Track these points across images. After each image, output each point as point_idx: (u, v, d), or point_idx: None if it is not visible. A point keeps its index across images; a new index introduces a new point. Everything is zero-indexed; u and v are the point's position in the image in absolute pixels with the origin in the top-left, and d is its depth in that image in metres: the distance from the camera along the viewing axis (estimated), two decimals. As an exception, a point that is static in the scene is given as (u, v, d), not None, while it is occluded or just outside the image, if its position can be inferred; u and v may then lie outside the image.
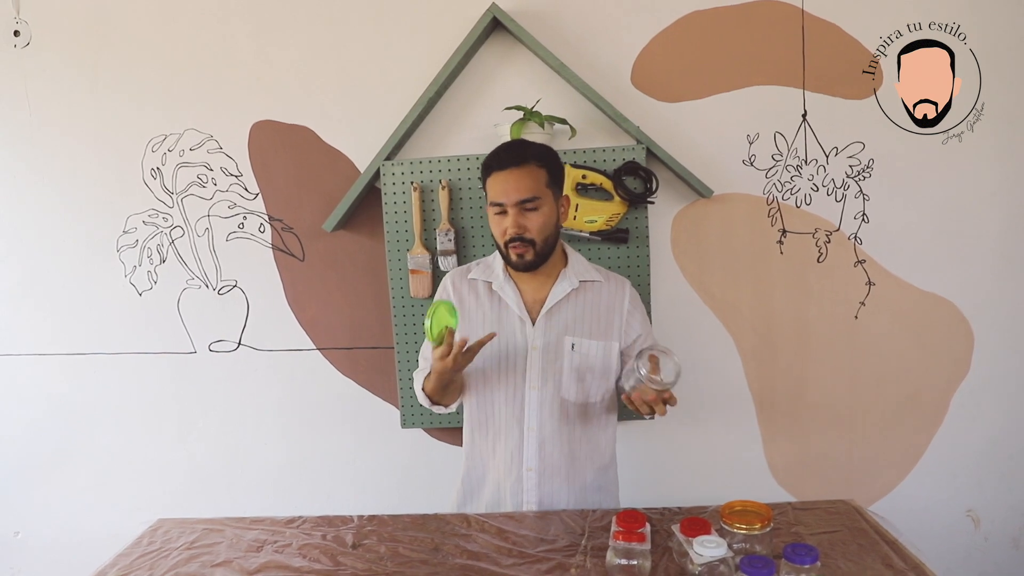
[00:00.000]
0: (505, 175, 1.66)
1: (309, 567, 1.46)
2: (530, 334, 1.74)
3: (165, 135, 2.43)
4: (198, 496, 2.59)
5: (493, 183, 1.68)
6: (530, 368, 1.73)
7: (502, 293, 1.77)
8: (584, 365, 1.74)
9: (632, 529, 1.34)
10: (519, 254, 1.69)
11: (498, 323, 1.75)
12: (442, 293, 1.84)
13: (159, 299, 2.51)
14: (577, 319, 1.75)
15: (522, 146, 1.71)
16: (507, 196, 1.66)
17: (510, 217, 1.66)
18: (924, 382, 2.41)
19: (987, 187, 2.32)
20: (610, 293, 1.80)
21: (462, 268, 1.87)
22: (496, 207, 1.68)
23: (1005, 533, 2.48)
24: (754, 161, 2.32)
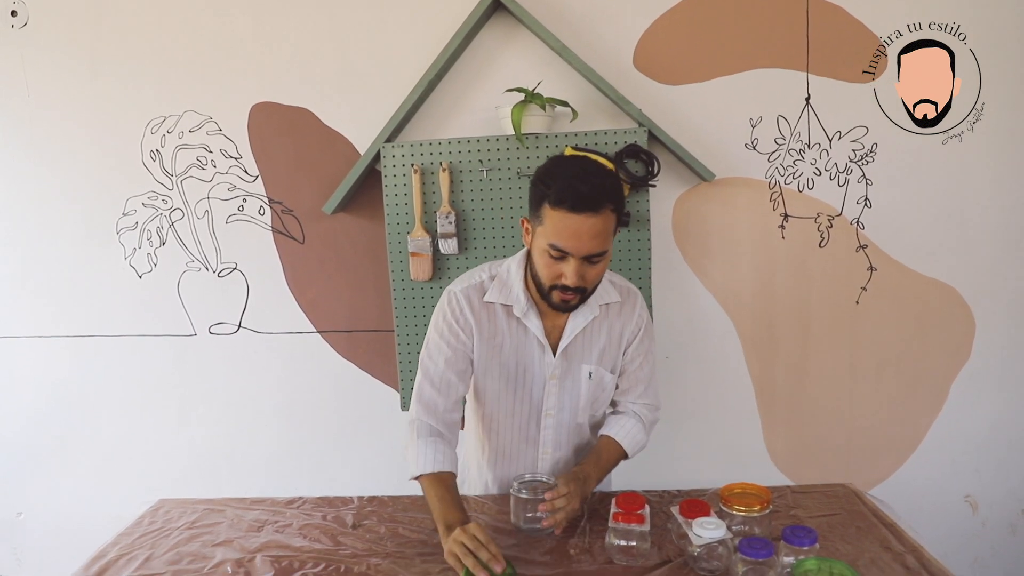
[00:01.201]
0: (579, 220, 1.38)
1: (309, 547, 1.46)
2: (550, 364, 1.62)
3: (164, 117, 2.42)
4: (199, 478, 2.60)
5: (559, 221, 1.40)
6: (547, 396, 1.64)
7: (526, 320, 1.59)
8: (598, 391, 1.68)
9: (631, 511, 1.35)
10: (566, 300, 1.49)
11: (518, 350, 1.62)
12: (458, 317, 1.59)
13: (159, 281, 2.51)
14: (595, 347, 1.64)
15: (601, 185, 1.41)
16: (579, 247, 1.41)
17: (571, 267, 1.42)
18: (924, 368, 2.41)
19: (987, 186, 2.32)
20: (623, 317, 1.67)
21: (473, 284, 1.62)
22: (556, 251, 1.42)
23: (1002, 518, 2.49)
24: (756, 145, 2.31)
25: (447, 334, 1.60)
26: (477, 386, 1.66)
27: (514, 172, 2.22)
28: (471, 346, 1.60)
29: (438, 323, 1.62)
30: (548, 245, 1.43)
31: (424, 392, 1.60)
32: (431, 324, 1.64)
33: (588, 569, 1.31)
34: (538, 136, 2.20)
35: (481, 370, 1.63)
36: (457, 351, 1.59)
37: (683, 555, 1.33)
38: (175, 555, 1.47)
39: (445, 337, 1.60)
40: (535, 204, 1.46)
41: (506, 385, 1.63)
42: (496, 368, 1.62)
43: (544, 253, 1.45)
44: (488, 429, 1.70)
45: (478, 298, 1.60)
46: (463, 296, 1.60)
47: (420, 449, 1.52)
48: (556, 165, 1.47)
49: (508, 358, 1.62)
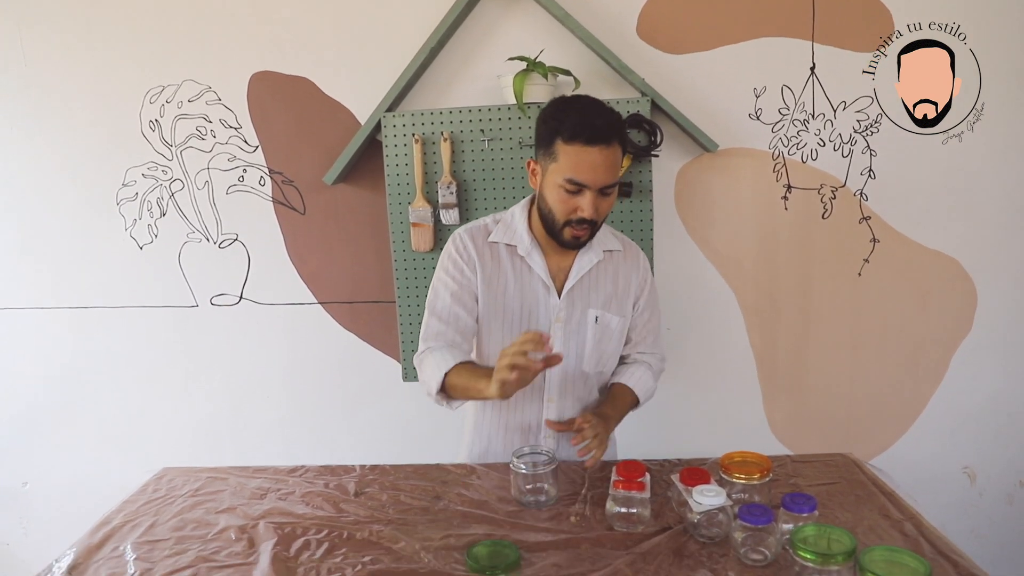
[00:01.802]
0: (595, 152, 1.44)
1: (312, 514, 1.47)
2: (555, 306, 1.63)
3: (163, 86, 2.40)
4: (202, 448, 2.62)
5: (575, 155, 1.45)
6: (553, 340, 1.64)
7: (530, 260, 1.62)
8: (604, 338, 1.68)
9: (632, 478, 1.35)
10: (577, 236, 1.54)
11: (522, 291, 1.63)
12: (462, 253, 1.62)
13: (160, 253, 2.51)
14: (600, 291, 1.67)
15: (610, 119, 1.47)
16: (595, 178, 1.46)
17: (587, 199, 1.47)
18: (925, 340, 2.41)
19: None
20: (627, 265, 1.71)
21: (477, 226, 1.67)
22: (573, 184, 1.47)
23: (1000, 490, 2.51)
24: (760, 115, 2.29)
25: (452, 270, 1.63)
26: (481, 332, 1.66)
27: (516, 142, 2.21)
28: (476, 283, 1.62)
29: (443, 262, 1.65)
30: (564, 180, 1.47)
31: (431, 327, 1.63)
32: (437, 269, 1.67)
33: (589, 536, 1.32)
34: (540, 105, 2.18)
35: (485, 313, 1.63)
36: (463, 286, 1.62)
37: (683, 522, 1.34)
38: (179, 522, 1.48)
39: (450, 273, 1.63)
40: (546, 142, 1.50)
41: (510, 329, 1.64)
42: (500, 310, 1.63)
43: (559, 189, 1.49)
44: None
45: (482, 238, 1.64)
46: (467, 235, 1.65)
47: (435, 358, 1.55)
48: (564, 103, 1.51)
49: (512, 300, 1.63)
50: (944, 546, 1.24)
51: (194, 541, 1.40)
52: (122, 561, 1.34)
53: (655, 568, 1.21)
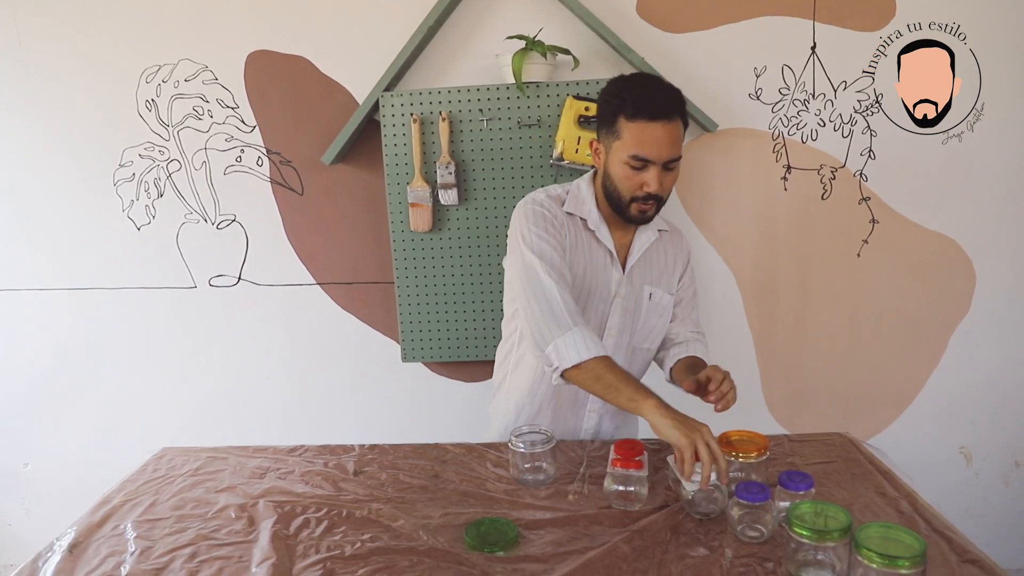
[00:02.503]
0: (657, 128, 1.46)
1: (311, 492, 1.48)
2: (617, 281, 1.65)
3: (159, 66, 2.38)
4: (202, 429, 2.63)
5: (642, 132, 1.47)
6: (612, 314, 1.66)
7: (599, 234, 1.63)
8: (656, 315, 1.71)
9: (630, 457, 1.36)
10: (643, 211, 1.55)
11: (591, 263, 1.63)
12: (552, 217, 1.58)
13: (158, 234, 2.50)
14: (654, 269, 1.70)
15: (671, 95, 1.49)
16: (660, 153, 1.48)
17: (652, 174, 1.49)
18: (923, 321, 2.41)
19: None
20: (674, 244, 1.75)
21: (551, 194, 1.65)
22: (638, 161, 1.49)
23: (996, 470, 2.52)
24: (760, 95, 2.27)
25: (547, 227, 1.57)
26: None
27: (515, 121, 2.20)
28: (564, 244, 1.59)
29: (534, 219, 1.57)
30: (629, 157, 1.49)
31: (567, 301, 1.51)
32: (520, 227, 1.58)
33: (587, 513, 1.32)
34: (539, 85, 2.16)
35: None
36: (559, 241, 1.58)
37: (679, 500, 1.34)
38: (179, 500, 1.48)
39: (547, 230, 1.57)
40: (609, 121, 1.52)
41: (577, 296, 1.63)
42: (573, 278, 1.62)
43: (625, 166, 1.51)
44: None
45: (559, 206, 1.63)
46: (547, 199, 1.63)
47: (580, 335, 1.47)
48: (624, 81, 1.54)
49: (582, 271, 1.63)
50: (939, 523, 1.24)
51: (194, 520, 1.40)
52: (122, 539, 1.34)
53: (652, 545, 1.22)
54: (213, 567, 1.23)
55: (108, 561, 1.27)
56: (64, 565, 1.26)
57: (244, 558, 1.25)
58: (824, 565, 1.07)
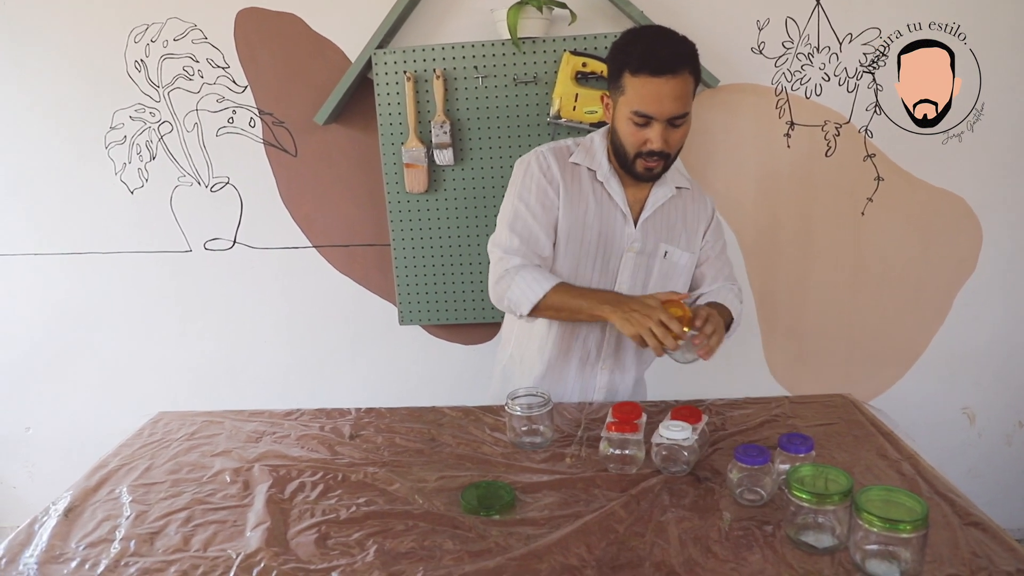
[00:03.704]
0: (661, 83, 1.42)
1: (307, 456, 1.47)
2: (630, 235, 1.62)
3: (147, 24, 2.32)
4: (200, 393, 2.63)
5: (643, 88, 1.43)
6: (623, 269, 1.63)
7: (608, 186, 1.60)
8: (671, 273, 1.68)
9: (626, 420, 1.34)
10: (650, 168, 1.52)
11: (600, 216, 1.61)
12: (547, 172, 1.59)
13: (151, 197, 2.47)
14: (671, 227, 1.65)
15: (678, 48, 1.45)
16: (661, 110, 1.44)
17: (656, 131, 1.46)
18: (928, 280, 2.38)
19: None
20: (695, 202, 1.70)
21: (559, 146, 1.64)
22: (641, 117, 1.46)
23: (999, 430, 2.51)
24: (763, 49, 2.21)
25: (535, 190, 1.58)
26: (557, 253, 1.62)
27: (511, 79, 2.14)
28: (557, 205, 1.59)
29: (524, 181, 1.60)
30: (632, 112, 1.46)
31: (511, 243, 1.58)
32: (512, 185, 1.62)
33: (583, 476, 1.31)
34: (535, 40, 2.11)
35: (564, 234, 1.60)
36: (545, 207, 1.58)
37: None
38: (175, 465, 1.47)
39: (533, 192, 1.58)
40: (615, 75, 1.49)
41: (585, 254, 1.62)
42: (579, 233, 1.60)
43: (628, 121, 1.48)
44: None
45: (564, 158, 1.62)
46: (551, 153, 1.61)
47: (531, 275, 1.53)
48: (633, 35, 1.49)
49: (592, 223, 1.60)
50: (942, 485, 1.23)
51: (189, 484, 1.39)
52: (118, 504, 1.34)
53: (649, 509, 1.20)
54: (208, 531, 1.22)
55: (104, 525, 1.27)
56: (60, 529, 1.26)
57: (239, 522, 1.25)
58: (824, 528, 1.06)
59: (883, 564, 0.99)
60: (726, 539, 1.11)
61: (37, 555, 1.17)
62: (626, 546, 1.11)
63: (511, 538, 1.14)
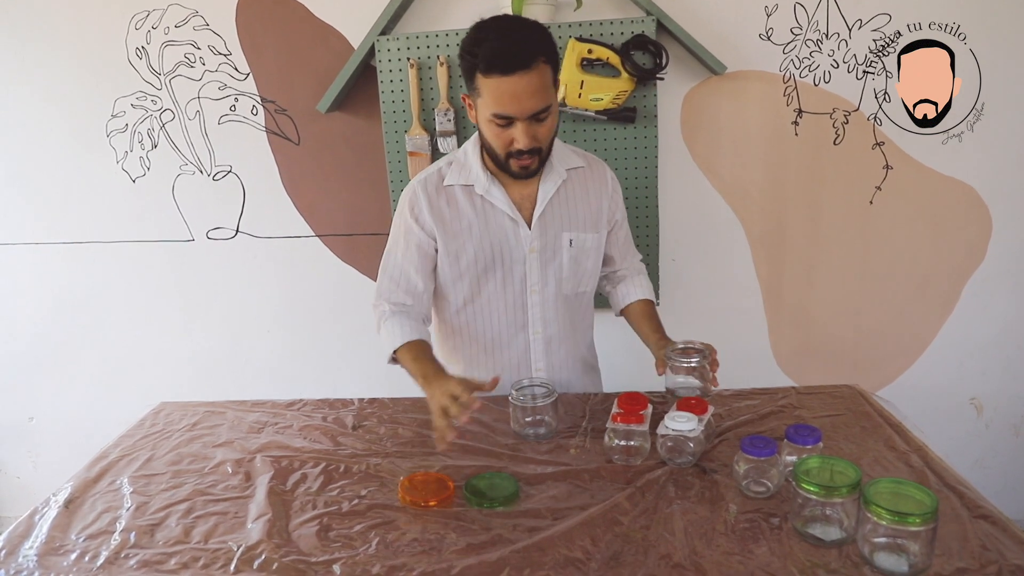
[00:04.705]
0: (513, 81, 1.35)
1: (309, 447, 1.46)
2: (526, 237, 1.58)
3: (148, 11, 2.30)
4: (202, 383, 2.62)
5: (495, 88, 1.37)
6: (529, 272, 1.60)
7: (489, 197, 1.56)
8: (581, 259, 1.64)
9: (631, 411, 1.33)
10: (524, 166, 1.47)
11: (487, 229, 1.56)
12: (414, 207, 1.57)
13: (153, 186, 2.45)
14: (570, 212, 1.61)
15: (527, 39, 1.37)
16: (521, 108, 1.38)
17: (520, 130, 1.41)
18: (937, 270, 2.36)
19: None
20: (594, 179, 1.65)
21: (430, 172, 1.60)
22: (501, 119, 1.40)
23: (1006, 421, 2.49)
24: (771, 35, 2.18)
25: (403, 228, 1.60)
26: (458, 280, 1.61)
27: (515, 66, 2.11)
28: (431, 240, 1.59)
29: (396, 221, 1.63)
30: (491, 115, 1.41)
31: (382, 285, 1.65)
32: (393, 223, 1.66)
33: (587, 468, 1.30)
34: (540, 27, 2.08)
35: (455, 262, 1.59)
36: (415, 245, 1.59)
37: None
38: (176, 456, 1.47)
39: (401, 230, 1.61)
40: (468, 77, 1.44)
41: (484, 271, 1.60)
42: (470, 255, 1.58)
43: (490, 123, 1.44)
44: (475, 325, 1.67)
45: (435, 185, 1.59)
46: (419, 186, 1.59)
47: (388, 328, 1.58)
48: (478, 32, 1.41)
49: (481, 241, 1.57)
50: (951, 477, 1.21)
51: (191, 475, 1.39)
52: (119, 495, 1.33)
53: (654, 501, 1.19)
54: (209, 523, 1.22)
55: (104, 516, 1.26)
56: (60, 520, 1.26)
57: (240, 514, 1.24)
58: (832, 521, 1.05)
59: (891, 557, 0.98)
60: (732, 531, 1.10)
61: (37, 547, 1.17)
62: (631, 538, 1.10)
63: (514, 530, 1.13)
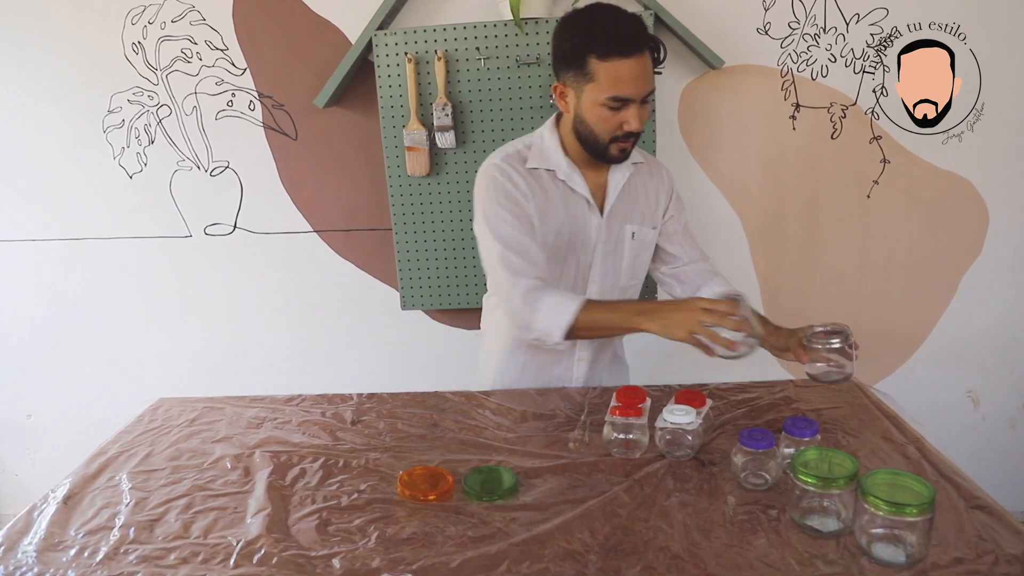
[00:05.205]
0: (632, 64, 1.39)
1: (308, 442, 1.46)
2: (598, 226, 1.59)
3: (144, 6, 2.29)
4: (201, 379, 2.62)
5: (614, 71, 1.40)
6: (594, 262, 1.62)
7: (571, 183, 1.56)
8: (640, 252, 1.67)
9: (630, 404, 1.33)
10: (624, 149, 1.50)
11: (567, 214, 1.57)
12: (513, 181, 1.52)
13: (151, 182, 2.45)
14: (634, 206, 1.63)
15: (639, 24, 1.43)
16: (637, 90, 1.41)
17: (633, 112, 1.43)
18: (934, 263, 2.36)
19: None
20: (652, 175, 1.68)
21: (510, 153, 1.57)
22: (617, 101, 1.42)
23: (1003, 413, 2.50)
24: (769, 29, 2.18)
25: (507, 204, 1.52)
26: None
27: (513, 60, 2.12)
28: (531, 215, 1.53)
29: (493, 195, 1.52)
30: (607, 98, 1.42)
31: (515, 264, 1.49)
32: (482, 201, 1.54)
33: (586, 461, 1.30)
34: (538, 21, 2.08)
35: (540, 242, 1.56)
36: (522, 219, 1.52)
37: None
38: (175, 451, 1.47)
39: (506, 207, 1.51)
40: (576, 63, 1.43)
41: (557, 253, 1.58)
42: (551, 237, 1.57)
43: (600, 108, 1.44)
44: None
45: (521, 165, 1.56)
46: (506, 164, 1.54)
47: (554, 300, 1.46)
48: (585, 16, 1.44)
49: (562, 226, 1.57)
50: (947, 469, 1.22)
51: (190, 470, 1.39)
52: (118, 491, 1.33)
53: (653, 493, 1.19)
54: (208, 518, 1.21)
55: (103, 512, 1.26)
56: (59, 517, 1.25)
57: (239, 509, 1.24)
58: (829, 512, 1.05)
59: (889, 548, 0.98)
60: (730, 523, 1.10)
61: (36, 543, 1.17)
62: (630, 531, 1.10)
63: (513, 523, 1.13)
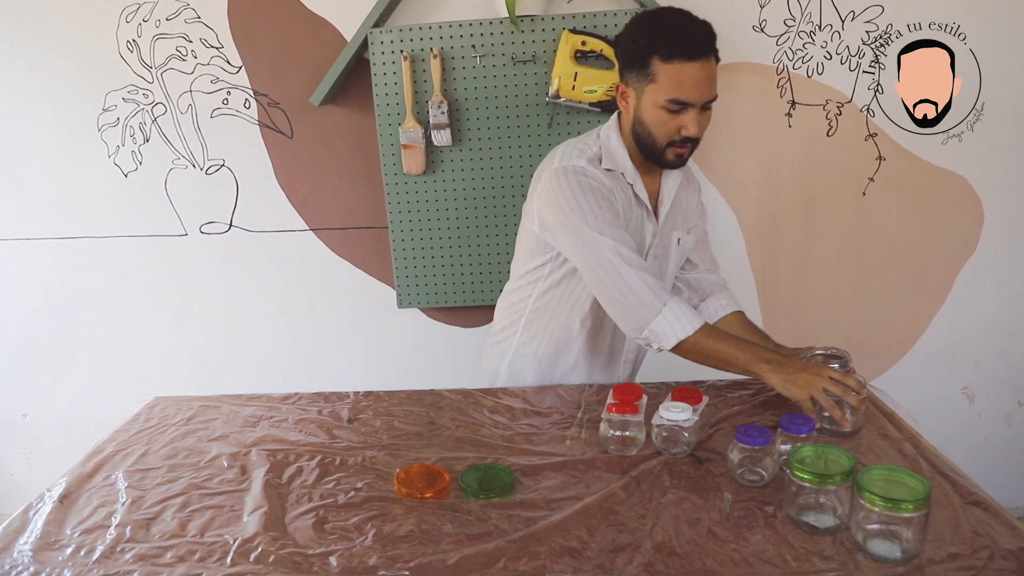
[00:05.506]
0: (695, 68, 1.39)
1: (305, 440, 1.46)
2: (652, 231, 1.59)
3: (139, 4, 2.28)
4: (197, 378, 2.61)
5: (676, 74, 1.39)
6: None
7: (636, 187, 1.55)
8: (681, 259, 1.69)
9: (627, 401, 1.33)
10: (680, 155, 1.49)
11: (632, 218, 1.56)
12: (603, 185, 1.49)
13: (146, 180, 2.44)
14: (678, 212, 1.65)
15: (706, 29, 1.43)
16: (699, 94, 1.41)
17: (691, 116, 1.43)
18: (929, 260, 2.37)
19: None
20: (689, 181, 1.70)
21: (588, 155, 1.53)
22: (676, 104, 1.42)
23: (998, 409, 2.51)
24: (765, 27, 2.18)
25: (602, 202, 1.48)
26: None
27: (509, 57, 2.12)
28: (619, 211, 1.51)
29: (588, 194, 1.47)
30: (667, 101, 1.42)
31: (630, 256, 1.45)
32: (571, 201, 1.48)
33: (583, 458, 1.30)
34: (533, 19, 2.08)
35: None
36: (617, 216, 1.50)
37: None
38: (171, 450, 1.46)
39: (603, 205, 1.48)
40: (640, 63, 1.44)
41: None
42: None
43: (660, 110, 1.43)
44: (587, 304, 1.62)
45: (598, 167, 1.53)
46: (590, 166, 1.51)
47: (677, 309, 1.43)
48: (654, 18, 1.46)
49: (634, 231, 1.57)
50: (943, 465, 1.22)
51: (186, 469, 1.38)
52: (114, 490, 1.33)
53: (649, 490, 1.20)
54: (204, 516, 1.21)
55: (99, 511, 1.26)
56: (54, 516, 1.25)
57: (236, 507, 1.23)
58: (826, 509, 1.05)
59: (885, 543, 0.99)
60: (727, 520, 1.10)
61: (32, 542, 1.16)
62: (626, 528, 1.10)
63: (511, 521, 1.13)
